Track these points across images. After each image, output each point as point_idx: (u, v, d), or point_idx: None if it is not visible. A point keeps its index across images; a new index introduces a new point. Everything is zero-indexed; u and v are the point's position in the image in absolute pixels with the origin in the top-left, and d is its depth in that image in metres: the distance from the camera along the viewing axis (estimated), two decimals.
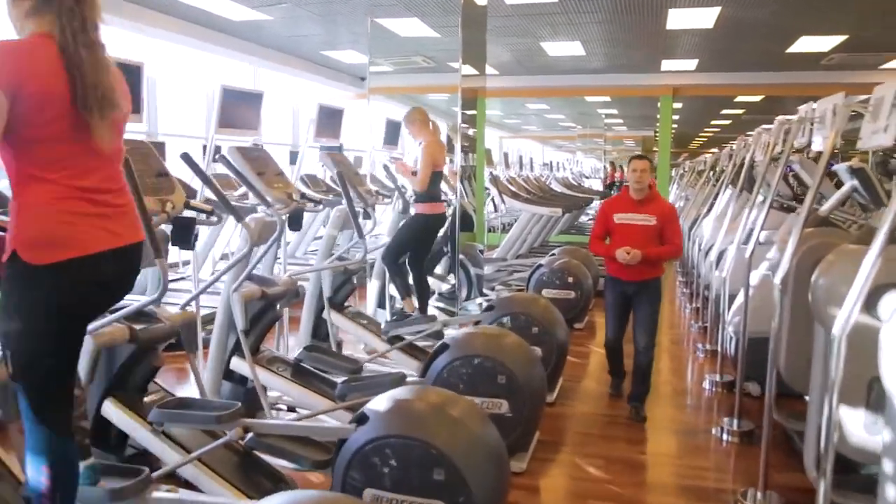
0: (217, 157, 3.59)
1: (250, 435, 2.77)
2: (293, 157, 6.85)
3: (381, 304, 5.64)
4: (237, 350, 3.62)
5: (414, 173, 4.82)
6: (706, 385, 4.79)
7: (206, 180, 3.28)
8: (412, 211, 4.93)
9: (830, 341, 2.31)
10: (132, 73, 3.62)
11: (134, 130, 5.61)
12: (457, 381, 3.33)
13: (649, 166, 4.12)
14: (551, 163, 17.99)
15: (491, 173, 8.39)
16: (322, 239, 4.62)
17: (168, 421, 2.71)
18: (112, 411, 2.78)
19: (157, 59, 7.82)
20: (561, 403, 4.33)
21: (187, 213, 3.25)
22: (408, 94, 11.26)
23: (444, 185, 5.30)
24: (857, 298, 1.97)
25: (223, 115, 4.00)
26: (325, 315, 4.56)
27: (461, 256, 6.30)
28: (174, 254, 6.72)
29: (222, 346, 3.66)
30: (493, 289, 6.89)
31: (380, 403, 2.54)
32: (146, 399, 2.94)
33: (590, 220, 11.98)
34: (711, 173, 9.50)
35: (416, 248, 4.99)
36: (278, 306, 3.88)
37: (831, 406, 2.10)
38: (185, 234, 3.23)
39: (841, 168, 3.63)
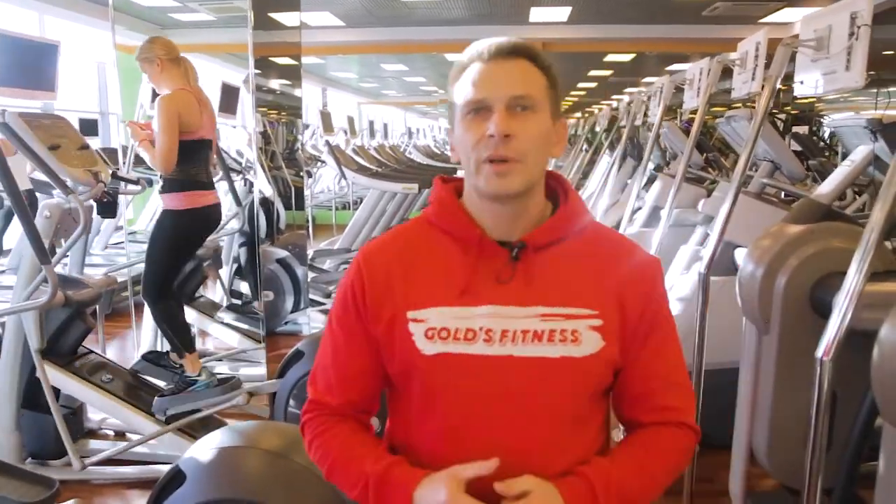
0: None
1: None
2: None
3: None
4: None
5: (153, 142, 3.03)
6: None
7: None
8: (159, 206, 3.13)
9: None
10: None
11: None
12: None
13: (544, 89, 1.07)
14: (410, 129, 16.51)
15: (327, 142, 6.71)
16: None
17: None
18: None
19: None
20: None
21: None
22: (236, 53, 9.40)
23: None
24: None
25: None
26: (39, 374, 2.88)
27: (283, 253, 4.68)
28: None
29: None
30: (329, 295, 5.31)
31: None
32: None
33: None
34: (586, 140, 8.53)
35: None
36: None
37: None
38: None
39: (839, 124, 2.35)
